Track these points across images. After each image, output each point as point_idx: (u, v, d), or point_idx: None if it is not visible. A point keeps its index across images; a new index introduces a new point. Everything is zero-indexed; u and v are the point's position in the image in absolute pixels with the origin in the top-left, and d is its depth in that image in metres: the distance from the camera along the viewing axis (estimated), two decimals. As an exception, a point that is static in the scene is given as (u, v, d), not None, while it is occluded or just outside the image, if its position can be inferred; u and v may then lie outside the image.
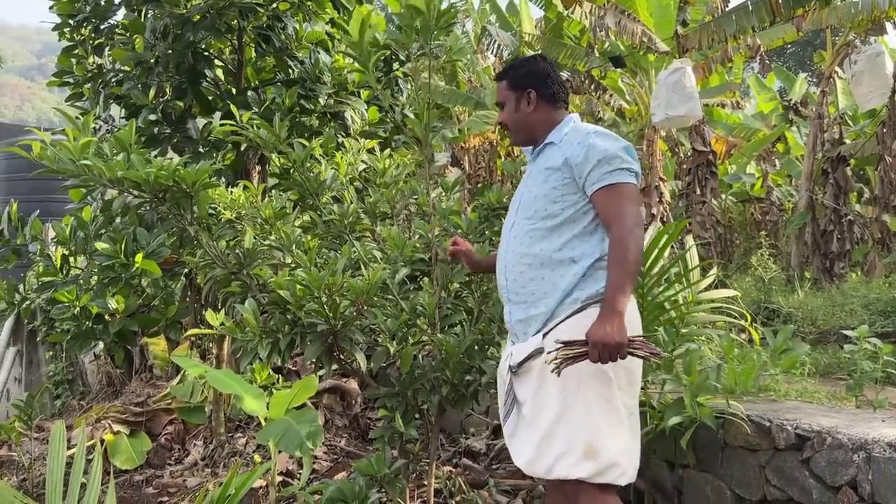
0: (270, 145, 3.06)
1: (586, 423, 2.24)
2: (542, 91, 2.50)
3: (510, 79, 2.53)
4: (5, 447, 5.06)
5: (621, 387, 2.31)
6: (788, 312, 6.35)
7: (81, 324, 3.92)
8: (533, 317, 2.37)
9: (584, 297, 2.32)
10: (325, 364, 2.65)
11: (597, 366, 2.20)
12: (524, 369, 2.36)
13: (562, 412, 2.25)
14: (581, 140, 2.36)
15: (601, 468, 2.23)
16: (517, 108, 2.52)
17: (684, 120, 7.88)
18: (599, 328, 2.08)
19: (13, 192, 7.35)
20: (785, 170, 11.67)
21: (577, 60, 10.05)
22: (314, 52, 4.59)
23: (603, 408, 2.26)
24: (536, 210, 2.40)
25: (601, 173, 2.29)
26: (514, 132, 2.57)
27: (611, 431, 2.26)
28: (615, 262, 2.18)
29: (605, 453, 2.23)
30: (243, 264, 2.95)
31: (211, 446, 4.77)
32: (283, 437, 3.23)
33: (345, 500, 2.52)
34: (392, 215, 3.13)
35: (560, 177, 2.37)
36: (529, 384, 2.35)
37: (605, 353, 2.07)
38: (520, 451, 2.37)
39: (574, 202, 2.36)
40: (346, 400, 5.35)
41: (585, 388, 2.25)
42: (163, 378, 5.91)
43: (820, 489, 2.66)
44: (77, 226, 4.04)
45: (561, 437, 2.25)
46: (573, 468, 2.23)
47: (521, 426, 2.38)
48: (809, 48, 23.00)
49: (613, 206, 2.26)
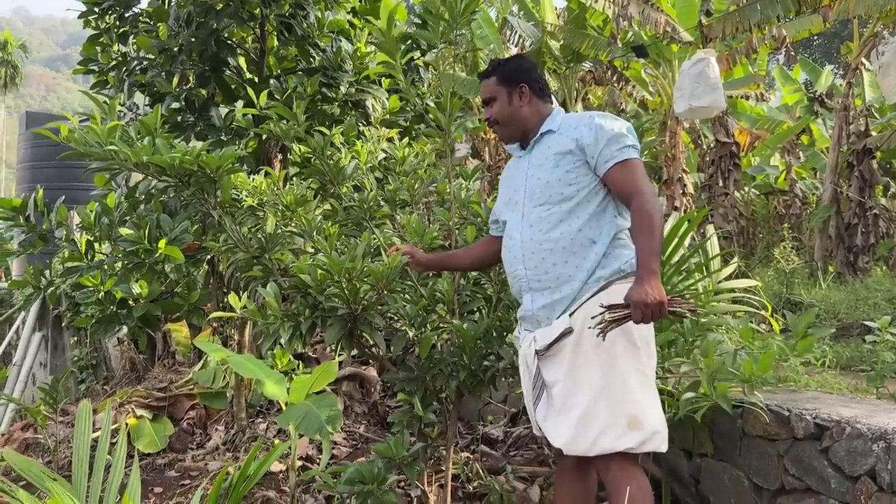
0: (290, 134, 3.08)
1: (626, 396, 2.29)
2: (533, 85, 2.60)
3: (501, 74, 2.60)
4: (31, 430, 5.15)
5: (650, 355, 2.40)
6: (810, 305, 6.30)
7: (106, 308, 3.98)
8: (558, 300, 2.41)
9: (607, 275, 2.39)
10: (346, 348, 2.68)
11: (628, 339, 2.29)
12: (552, 351, 2.39)
13: (601, 388, 2.30)
14: (587, 123, 2.46)
15: (646, 437, 2.30)
16: (510, 103, 2.58)
17: (707, 111, 7.81)
18: (640, 290, 2.14)
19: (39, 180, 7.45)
20: (810, 163, 11.55)
21: (599, 51, 10.00)
22: (336, 41, 4.61)
23: (639, 379, 2.33)
24: (551, 195, 2.45)
25: (612, 151, 2.38)
26: (505, 127, 2.62)
27: (649, 401, 2.34)
28: (643, 229, 2.25)
29: (647, 422, 2.30)
30: (265, 249, 2.98)
31: (232, 431, 4.83)
32: (303, 421, 3.27)
33: (363, 481, 2.56)
34: (412, 203, 3.15)
35: (572, 159, 2.44)
36: (560, 365, 2.38)
37: (647, 313, 2.13)
38: (557, 432, 2.39)
39: (587, 183, 2.44)
40: (365, 387, 5.39)
41: (621, 363, 2.31)
42: (185, 364, 6.00)
43: (838, 479, 2.65)
44: (102, 212, 4.10)
45: (602, 412, 2.29)
46: (618, 440, 2.28)
47: (554, 408, 2.41)
48: (836, 40, 22.68)
49: (630, 180, 2.36)
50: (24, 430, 5.18)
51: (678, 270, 3.17)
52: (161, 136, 3.19)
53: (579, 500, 2.57)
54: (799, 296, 6.57)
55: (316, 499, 3.81)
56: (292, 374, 4.69)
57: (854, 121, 8.90)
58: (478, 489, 3.50)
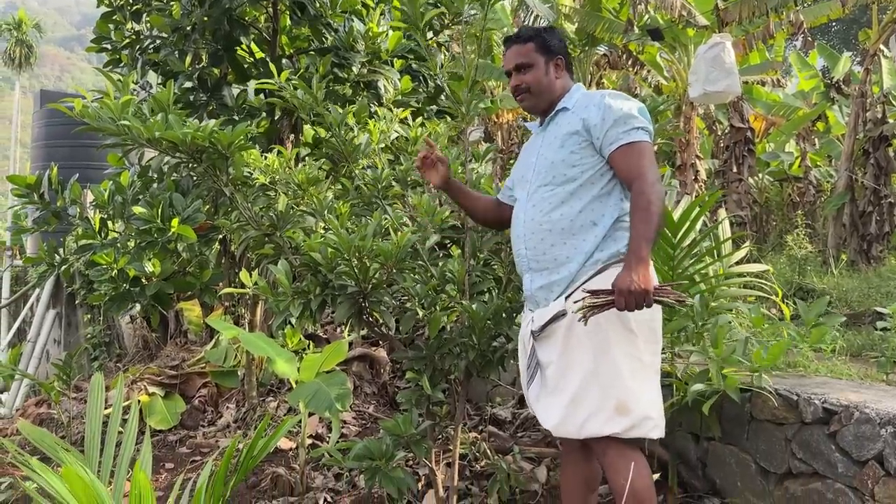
0: (307, 107, 3.08)
1: (616, 382, 2.27)
2: (566, 59, 2.58)
3: (541, 42, 2.52)
4: (45, 405, 5.22)
5: (647, 340, 2.35)
6: (822, 292, 6.27)
7: (119, 286, 4.02)
8: (555, 282, 2.40)
9: (604, 258, 2.37)
10: (355, 326, 2.70)
11: (622, 324, 2.26)
12: (547, 333, 2.38)
13: (591, 372, 2.28)
14: (597, 102, 2.40)
15: (634, 422, 2.27)
16: (547, 72, 2.53)
17: (722, 96, 7.74)
18: (626, 276, 2.11)
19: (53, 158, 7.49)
20: (825, 150, 11.44)
21: (614, 34, 9.93)
22: (348, 21, 4.60)
23: (632, 365, 2.30)
24: (555, 175, 2.43)
25: (618, 132, 2.33)
26: (537, 96, 2.55)
27: (641, 387, 2.31)
28: (640, 214, 2.20)
29: (636, 408, 2.28)
30: (276, 227, 2.99)
31: (243, 409, 4.88)
32: (313, 399, 3.29)
33: (371, 457, 2.58)
34: (423, 183, 3.15)
35: (578, 140, 2.41)
36: (554, 347, 2.38)
37: (630, 301, 2.10)
38: (547, 413, 2.39)
39: (592, 165, 2.40)
40: (374, 368, 5.42)
41: (614, 348, 2.28)
42: (197, 343, 6.05)
43: (846, 463, 2.65)
44: (115, 190, 4.13)
45: (592, 396, 2.28)
46: (605, 425, 2.27)
47: (547, 389, 2.41)
48: (855, 26, 22.41)
49: (634, 164, 2.30)
50: (38, 406, 5.25)
51: (689, 254, 3.16)
52: (174, 112, 3.20)
53: (584, 481, 2.58)
54: (811, 283, 6.54)
55: (325, 476, 3.85)
56: (303, 354, 4.72)
57: (871, 108, 8.80)
58: (485, 469, 3.52)
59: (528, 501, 3.31)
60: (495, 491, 3.21)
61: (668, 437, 3.37)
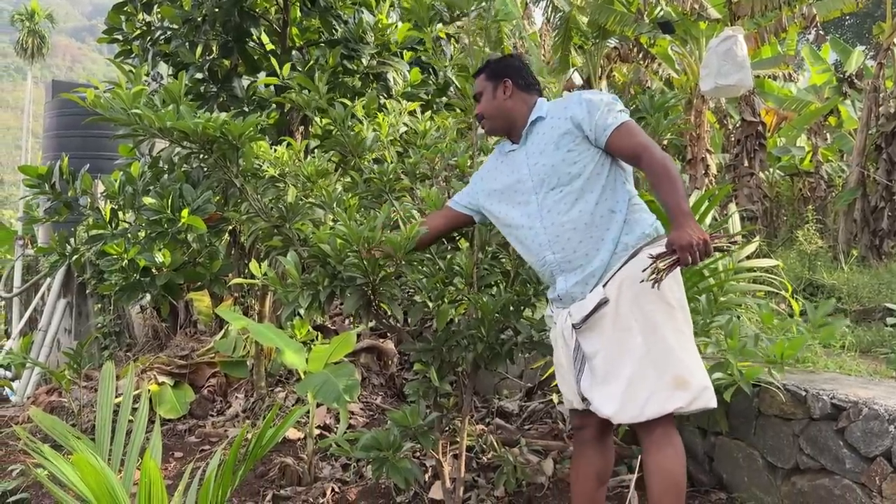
0: (312, 104, 3.09)
1: (670, 358, 2.31)
2: (517, 81, 2.65)
3: (489, 71, 2.67)
4: (56, 394, 5.26)
5: (685, 316, 2.42)
6: (832, 287, 6.25)
7: (129, 276, 4.03)
8: (590, 274, 2.43)
9: (633, 242, 2.42)
10: (364, 318, 2.70)
11: (664, 301, 2.32)
12: (590, 324, 2.41)
13: (644, 354, 2.31)
14: (577, 101, 2.52)
15: (695, 394, 2.30)
16: (494, 96, 2.64)
17: (734, 90, 7.71)
18: (682, 233, 2.18)
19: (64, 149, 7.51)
20: (837, 144, 11.37)
21: (625, 26, 9.89)
22: (358, 12, 4.60)
23: (679, 339, 2.35)
24: (559, 178, 2.48)
25: (607, 119, 2.44)
26: (490, 119, 2.67)
27: (692, 359, 2.35)
28: (662, 179, 2.30)
29: (694, 381, 2.31)
30: (286, 218, 2.99)
31: (252, 399, 4.90)
32: (322, 389, 3.31)
33: (379, 448, 2.59)
34: (432, 177, 3.15)
35: (571, 138, 2.48)
36: (600, 336, 2.40)
37: (695, 253, 2.17)
38: (604, 402, 2.39)
39: (591, 157, 2.47)
40: (382, 360, 5.44)
41: (661, 326, 2.33)
42: (206, 333, 6.07)
43: (854, 459, 2.64)
44: (126, 181, 4.14)
45: (649, 377, 2.30)
46: (668, 402, 2.29)
47: (597, 378, 2.42)
48: (869, 20, 22.21)
49: (633, 140, 2.41)
50: (49, 395, 5.29)
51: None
52: (185, 103, 3.21)
53: (596, 474, 2.58)
54: (821, 278, 6.51)
55: (332, 466, 3.87)
56: (311, 345, 4.74)
57: (884, 103, 8.74)
58: (492, 461, 3.53)
59: (535, 494, 3.32)
60: (502, 483, 3.22)
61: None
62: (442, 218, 2.81)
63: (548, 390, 4.22)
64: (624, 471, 3.36)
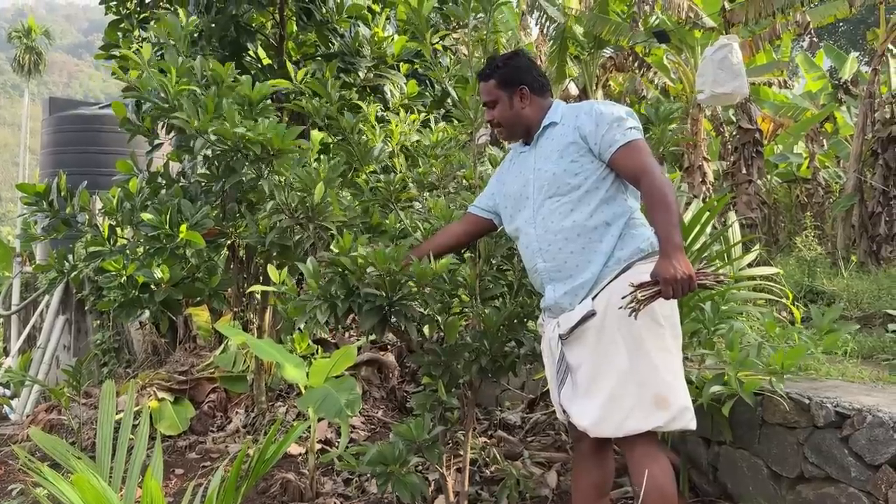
0: (321, 112, 3.09)
1: (653, 376, 2.29)
2: (533, 85, 2.59)
3: (500, 78, 2.58)
4: (55, 411, 5.23)
5: (673, 335, 2.39)
6: (832, 294, 6.24)
7: (128, 292, 4.01)
8: (580, 285, 2.41)
9: (626, 257, 2.39)
10: (378, 334, 2.67)
11: (652, 319, 2.28)
12: (576, 335, 2.39)
13: (627, 370, 2.29)
14: (587, 111, 2.47)
15: (674, 414, 2.29)
16: (511, 106, 2.59)
17: (730, 97, 7.73)
18: (667, 265, 2.14)
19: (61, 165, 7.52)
20: (833, 151, 11.39)
21: (621, 36, 9.92)
22: (354, 25, 4.61)
23: (665, 359, 2.32)
24: (559, 187, 2.46)
25: (614, 135, 2.39)
26: (509, 129, 2.63)
27: (676, 380, 2.33)
28: (658, 206, 2.25)
29: (675, 401, 2.30)
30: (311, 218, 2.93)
31: (252, 414, 4.88)
32: (323, 404, 3.30)
33: (384, 462, 2.57)
34: (439, 186, 3.15)
35: (576, 149, 2.45)
36: (584, 348, 2.38)
37: (678, 288, 2.13)
38: (582, 413, 2.39)
39: (593, 170, 2.44)
40: (383, 372, 5.42)
41: (647, 343, 2.30)
42: (206, 348, 6.05)
43: (859, 467, 2.63)
44: (124, 197, 4.14)
45: (630, 393, 2.29)
46: (646, 420, 2.28)
47: (579, 390, 2.41)
48: (862, 26, 22.33)
49: (637, 162, 2.36)
50: (49, 412, 5.26)
51: (699, 258, 3.15)
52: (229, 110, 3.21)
53: (596, 486, 2.57)
54: (821, 285, 6.50)
55: (335, 481, 3.85)
56: (311, 359, 4.73)
57: (879, 108, 8.76)
58: (495, 474, 3.51)
59: (539, 506, 3.30)
60: (505, 496, 3.20)
61: (678, 441, 3.37)
62: (463, 225, 2.79)
63: (550, 401, 4.20)
64: (627, 482, 3.34)
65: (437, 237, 2.82)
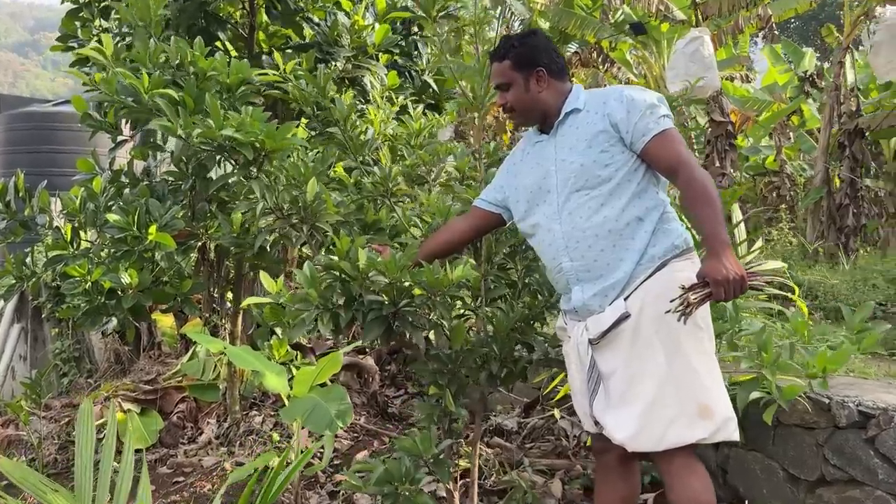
0: (310, 100, 2.86)
1: (695, 383, 2.13)
2: (551, 67, 2.39)
3: (516, 59, 2.37)
4: (13, 426, 4.92)
5: (710, 338, 2.24)
6: (810, 287, 6.22)
7: (93, 299, 3.75)
8: (611, 285, 2.23)
9: (660, 254, 2.22)
10: (382, 343, 2.46)
11: (690, 320, 2.08)
12: (608, 339, 2.21)
13: (666, 375, 2.12)
14: (617, 97, 2.28)
15: (718, 425, 2.13)
16: (527, 89, 2.38)
17: (701, 90, 7.70)
18: (718, 265, 1.97)
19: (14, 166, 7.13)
20: (797, 144, 11.50)
21: (586, 31, 9.83)
22: (331, 14, 4.38)
23: (706, 363, 2.17)
24: (587, 179, 2.26)
25: (648, 123, 2.21)
26: (523, 114, 2.43)
27: (718, 387, 2.17)
28: (701, 199, 2.09)
29: (718, 409, 2.14)
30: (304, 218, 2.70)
31: (225, 424, 4.63)
32: (311, 416, 3.07)
33: (392, 481, 2.36)
34: (429, 181, 2.95)
35: (606, 137, 2.26)
36: (618, 353, 2.21)
37: (729, 289, 1.97)
38: (618, 426, 2.21)
39: (624, 161, 2.26)
40: (363, 377, 5.20)
41: (685, 346, 2.14)
42: (171, 355, 5.76)
43: (887, 469, 2.52)
44: (87, 197, 3.87)
45: (670, 402, 2.12)
46: (689, 431, 2.11)
47: (612, 400, 2.23)
48: (814, 22, 22.75)
49: (673, 151, 2.19)
50: (5, 427, 4.95)
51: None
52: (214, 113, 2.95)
53: (623, 500, 2.40)
54: (798, 277, 6.48)
55: (319, 494, 3.65)
56: (290, 366, 4.50)
57: (845, 101, 8.82)
58: (496, 485, 3.33)
59: (543, 517, 3.13)
60: (511, 508, 3.02)
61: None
62: (467, 220, 2.59)
63: (547, 405, 4.03)
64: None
65: (439, 234, 2.62)
